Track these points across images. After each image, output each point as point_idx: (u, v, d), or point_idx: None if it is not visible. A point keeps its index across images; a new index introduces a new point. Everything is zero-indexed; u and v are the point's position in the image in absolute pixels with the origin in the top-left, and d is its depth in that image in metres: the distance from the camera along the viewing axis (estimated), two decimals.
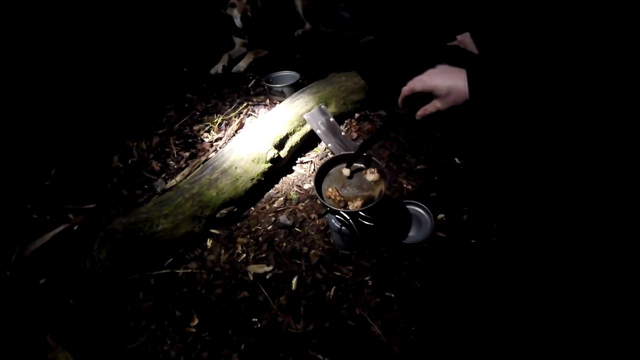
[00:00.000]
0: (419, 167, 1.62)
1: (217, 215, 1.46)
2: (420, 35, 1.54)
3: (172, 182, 1.64)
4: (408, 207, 1.45)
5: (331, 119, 1.78)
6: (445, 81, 0.93)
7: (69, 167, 1.82)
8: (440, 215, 1.42)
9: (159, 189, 1.61)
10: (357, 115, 1.89)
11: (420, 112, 1.01)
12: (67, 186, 1.71)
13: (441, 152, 1.65)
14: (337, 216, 1.25)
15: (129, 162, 1.79)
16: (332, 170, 1.37)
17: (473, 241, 1.32)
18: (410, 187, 1.53)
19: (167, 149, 1.83)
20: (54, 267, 1.37)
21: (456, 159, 1.62)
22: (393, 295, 1.21)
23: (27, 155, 1.91)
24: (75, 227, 1.50)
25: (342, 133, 1.76)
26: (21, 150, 1.94)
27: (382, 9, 1.55)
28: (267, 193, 1.61)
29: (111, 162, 1.80)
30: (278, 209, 1.53)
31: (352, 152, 1.32)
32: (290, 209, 1.52)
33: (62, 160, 1.86)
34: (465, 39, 1.48)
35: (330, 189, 1.29)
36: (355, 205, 1.23)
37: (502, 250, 1.28)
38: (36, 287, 1.32)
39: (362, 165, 1.36)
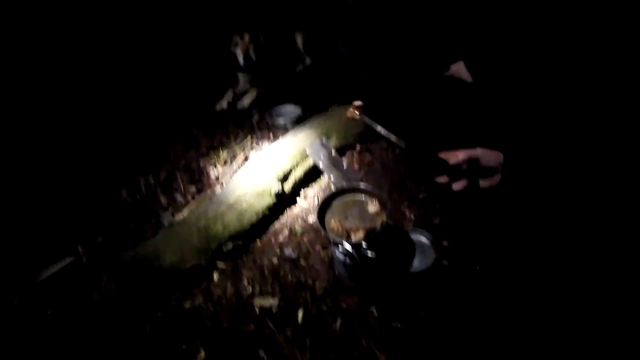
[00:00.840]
0: (421, 195, 1.65)
1: (224, 249, 1.49)
2: (415, 66, 1.61)
3: (179, 216, 1.68)
4: (411, 235, 1.48)
5: (333, 152, 1.83)
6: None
7: (77, 200, 1.87)
8: (444, 243, 1.44)
9: (166, 223, 1.65)
10: (358, 147, 1.95)
11: (487, 184, 1.02)
12: (76, 219, 1.76)
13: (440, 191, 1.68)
14: (340, 247, 1.28)
15: (137, 196, 1.84)
16: (334, 202, 1.41)
17: (477, 267, 1.34)
18: (413, 215, 1.56)
19: (174, 184, 1.88)
20: (62, 298, 1.40)
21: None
22: (399, 326, 1.22)
23: (35, 187, 1.97)
24: (83, 260, 1.54)
25: (344, 165, 1.80)
26: (31, 182, 2.00)
27: (377, 44, 1.63)
28: (272, 226, 1.64)
29: (119, 196, 1.85)
30: (283, 242, 1.56)
31: (354, 183, 1.37)
32: (295, 242, 1.54)
33: (70, 194, 1.91)
34: (459, 68, 1.56)
35: (333, 221, 1.33)
36: (357, 236, 1.26)
37: (507, 276, 1.29)
38: (44, 317, 1.34)
39: (363, 197, 1.40)
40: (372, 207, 1.34)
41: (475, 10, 1.50)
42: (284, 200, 1.71)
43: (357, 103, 1.19)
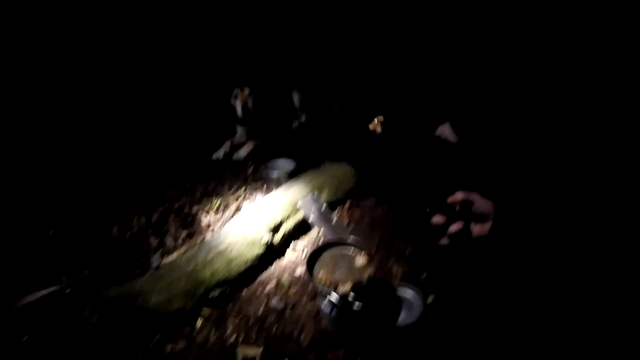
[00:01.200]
0: (408, 251, 1.70)
1: (210, 295, 1.49)
2: (405, 127, 1.72)
3: (169, 259, 1.69)
4: (398, 289, 1.50)
5: (324, 206, 1.89)
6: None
7: (67, 231, 1.89)
8: (430, 298, 1.47)
9: (154, 264, 1.65)
10: (348, 202, 2.01)
11: (478, 231, 1.06)
12: (63, 249, 1.77)
13: (430, 236, 1.73)
14: (328, 299, 1.30)
15: (128, 234, 1.86)
16: (324, 254, 1.45)
17: (463, 322, 1.36)
18: (400, 271, 1.60)
19: (166, 226, 1.90)
20: (41, 326, 1.37)
21: (444, 240, 1.69)
22: None
23: (27, 211, 2.00)
24: (67, 290, 1.52)
25: (334, 219, 1.86)
26: (23, 206, 2.04)
27: (368, 107, 1.76)
28: (260, 276, 1.65)
29: (110, 232, 1.87)
30: (270, 292, 1.56)
31: (343, 237, 1.42)
32: (282, 293, 1.55)
33: (61, 222, 1.94)
34: (444, 129, 1.68)
35: (321, 272, 1.36)
36: (345, 287, 1.29)
37: (493, 331, 1.31)
38: (18, 343, 1.31)
39: (351, 250, 1.44)
40: (361, 260, 1.38)
41: (460, 76, 1.66)
42: (274, 251, 1.73)
43: (380, 118, 1.27)
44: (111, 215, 1.97)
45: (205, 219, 1.96)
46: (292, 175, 2.18)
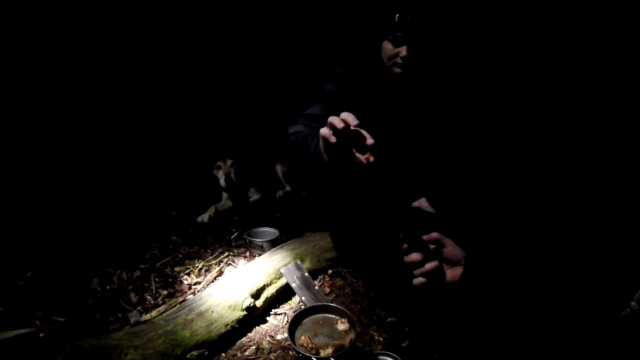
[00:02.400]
0: (389, 319, 1.72)
1: (188, 356, 1.46)
2: (386, 198, 1.84)
3: (147, 316, 1.66)
4: (380, 358, 1.51)
5: (306, 274, 1.93)
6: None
7: (46, 275, 1.88)
8: None
9: (132, 320, 1.63)
10: (330, 271, 2.06)
11: (450, 276, 1.12)
12: (40, 293, 1.75)
13: (411, 304, 1.77)
14: None
15: (108, 287, 1.85)
16: (304, 320, 1.49)
17: None
18: (381, 338, 1.61)
19: (147, 284, 1.90)
20: None
21: (419, 279, 1.72)
22: None
23: (6, 250, 2.00)
24: (40, 335, 1.48)
25: (316, 287, 1.89)
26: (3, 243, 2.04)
27: (349, 181, 1.87)
28: (240, 340, 1.63)
29: (89, 283, 1.86)
30: (249, 358, 1.54)
31: (325, 303, 1.46)
32: (262, 359, 1.54)
33: (40, 267, 1.94)
34: (422, 203, 1.81)
35: (302, 337, 1.38)
36: (326, 352, 1.31)
37: None
38: None
39: (333, 316, 1.48)
40: (342, 325, 1.42)
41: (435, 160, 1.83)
42: (255, 316, 1.73)
43: (369, 150, 1.32)
44: (92, 266, 1.98)
45: (186, 281, 1.96)
46: (275, 244, 2.24)
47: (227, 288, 1.72)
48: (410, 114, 1.79)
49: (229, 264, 2.16)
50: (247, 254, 2.28)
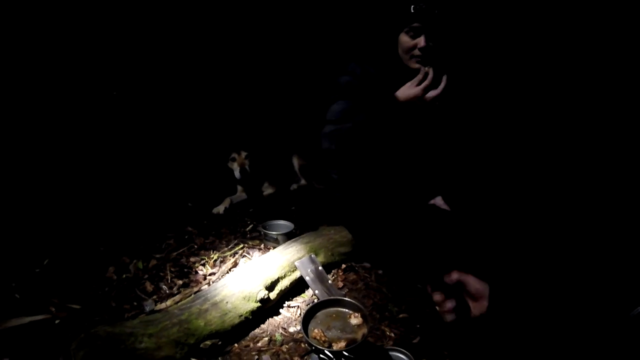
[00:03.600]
0: (401, 315, 1.71)
1: (201, 346, 1.47)
2: (401, 196, 1.82)
3: (162, 305, 1.68)
4: (391, 354, 1.50)
5: (320, 268, 1.93)
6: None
7: (62, 263, 1.92)
8: None
9: (147, 309, 1.65)
10: (343, 266, 2.05)
11: (476, 311, 1.14)
12: (56, 280, 1.79)
13: (423, 301, 1.76)
14: (321, 356, 1.30)
15: (124, 276, 1.88)
16: (318, 314, 1.48)
17: None
18: (392, 334, 1.60)
19: (162, 274, 1.92)
20: (23, 352, 1.35)
21: (437, 307, 1.72)
22: None
23: (26, 236, 2.06)
24: (56, 321, 1.51)
25: (329, 281, 1.89)
26: (21, 230, 2.10)
27: (366, 179, 1.86)
28: (252, 332, 1.64)
29: (106, 272, 1.89)
30: (261, 349, 1.55)
31: (338, 297, 1.45)
32: (274, 350, 1.54)
33: (57, 254, 1.98)
34: (437, 201, 1.78)
35: (316, 330, 1.38)
36: (339, 346, 1.30)
37: None
38: None
39: (346, 310, 1.47)
40: (355, 320, 1.41)
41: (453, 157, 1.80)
42: (269, 307, 1.74)
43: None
44: (108, 255, 2.02)
45: (201, 271, 1.98)
46: (289, 237, 2.24)
47: (241, 279, 1.72)
48: (426, 112, 1.76)
49: (244, 256, 2.17)
50: (262, 246, 2.29)
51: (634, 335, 0.99)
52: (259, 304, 1.67)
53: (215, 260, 2.09)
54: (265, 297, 1.70)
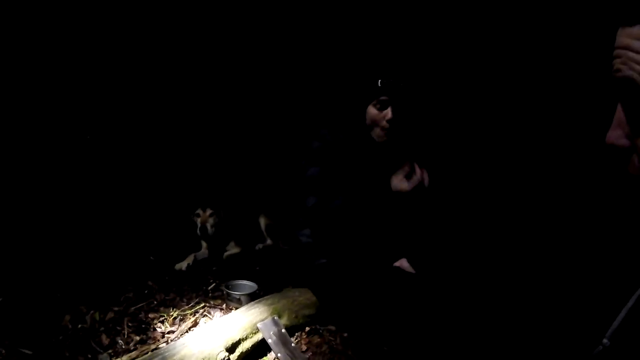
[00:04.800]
0: None
1: None
2: (370, 259, 1.90)
3: None
4: None
5: (283, 330, 1.91)
6: None
7: (16, 305, 1.85)
8: None
9: None
10: (307, 328, 2.04)
11: None
12: (8, 322, 1.72)
13: None
14: None
15: (79, 326, 1.81)
16: None
17: None
18: None
19: (119, 327, 1.84)
20: None
21: None
22: None
23: None
24: None
25: (292, 344, 1.87)
26: None
27: (337, 240, 1.93)
28: None
29: (61, 319, 1.82)
30: None
31: None
32: None
33: (11, 295, 1.92)
34: (402, 263, 1.87)
35: None
36: None
37: None
38: None
39: None
40: None
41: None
42: None
43: None
44: (64, 302, 1.94)
45: (160, 328, 1.91)
46: (253, 298, 2.21)
47: (202, 339, 1.68)
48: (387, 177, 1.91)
49: (205, 315, 2.11)
50: (224, 306, 2.24)
51: None
52: None
53: (175, 318, 2.02)
54: (226, 358, 1.66)
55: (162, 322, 1.97)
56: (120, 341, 1.75)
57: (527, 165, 2.46)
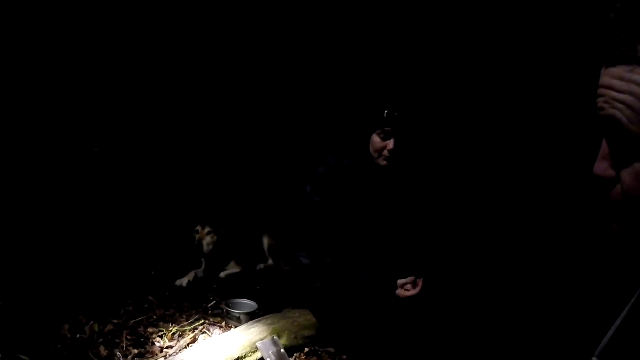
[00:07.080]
0: None
1: None
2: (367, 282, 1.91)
3: None
4: None
5: (282, 351, 1.90)
6: None
7: (16, 310, 1.85)
8: None
9: None
10: (306, 350, 2.02)
11: None
12: (7, 326, 1.72)
13: None
14: None
15: (78, 336, 1.81)
16: None
17: None
18: None
19: (118, 340, 1.84)
20: None
21: None
22: None
23: None
24: None
25: None
26: None
27: (335, 262, 1.95)
28: None
29: (60, 328, 1.82)
30: None
31: None
32: None
33: (11, 300, 1.91)
34: (402, 293, 1.87)
35: None
36: None
37: None
38: None
39: None
40: None
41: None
42: None
43: None
44: (64, 311, 1.94)
45: (158, 343, 1.90)
46: (253, 317, 2.20)
47: (200, 356, 1.67)
48: (388, 203, 1.95)
49: (204, 332, 2.10)
50: (223, 324, 2.23)
51: None
52: None
53: (174, 334, 2.01)
54: None
55: (161, 337, 1.96)
56: (118, 353, 1.74)
57: (521, 195, 2.51)
